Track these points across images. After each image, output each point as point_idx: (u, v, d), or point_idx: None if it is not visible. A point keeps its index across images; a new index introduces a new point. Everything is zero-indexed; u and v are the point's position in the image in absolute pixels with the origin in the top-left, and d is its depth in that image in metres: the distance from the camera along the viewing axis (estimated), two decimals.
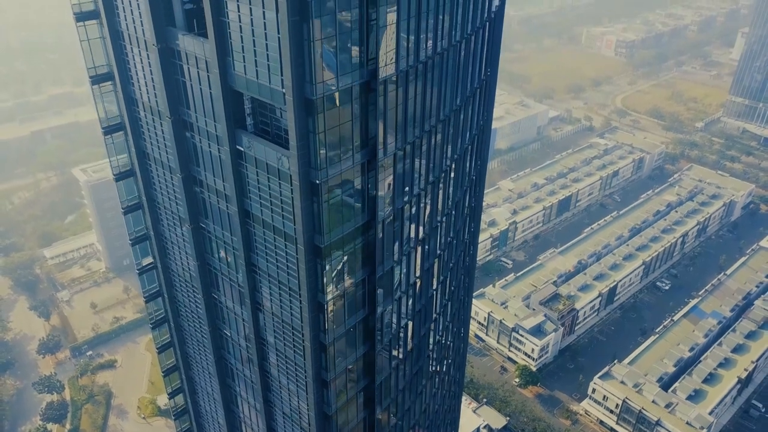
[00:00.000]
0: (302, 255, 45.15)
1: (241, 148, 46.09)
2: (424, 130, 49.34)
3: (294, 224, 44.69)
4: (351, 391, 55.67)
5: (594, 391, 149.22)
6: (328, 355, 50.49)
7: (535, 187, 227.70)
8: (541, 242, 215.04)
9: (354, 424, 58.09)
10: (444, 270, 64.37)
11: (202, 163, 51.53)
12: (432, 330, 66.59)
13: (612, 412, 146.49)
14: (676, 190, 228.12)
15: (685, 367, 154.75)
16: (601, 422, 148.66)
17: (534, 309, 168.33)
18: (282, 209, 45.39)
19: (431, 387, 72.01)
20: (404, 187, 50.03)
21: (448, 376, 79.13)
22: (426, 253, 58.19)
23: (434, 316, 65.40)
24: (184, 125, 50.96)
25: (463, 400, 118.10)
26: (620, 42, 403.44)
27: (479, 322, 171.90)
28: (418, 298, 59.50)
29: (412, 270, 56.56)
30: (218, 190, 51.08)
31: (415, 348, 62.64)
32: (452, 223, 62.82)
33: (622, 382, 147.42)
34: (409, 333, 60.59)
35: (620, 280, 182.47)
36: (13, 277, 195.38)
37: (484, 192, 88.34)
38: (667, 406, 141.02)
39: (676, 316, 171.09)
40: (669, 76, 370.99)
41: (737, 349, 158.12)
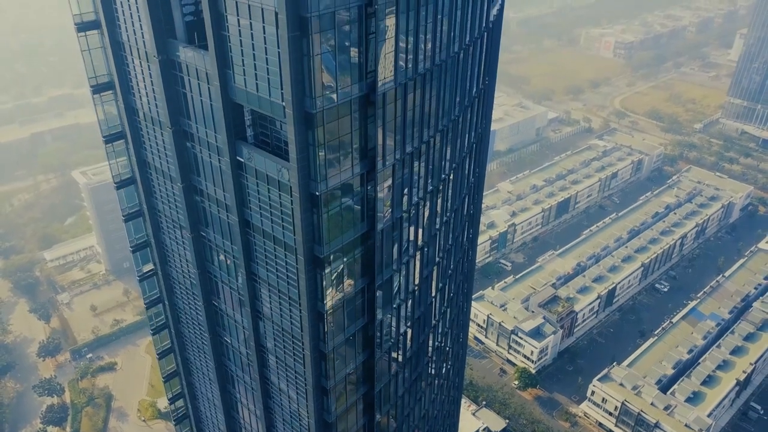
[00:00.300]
0: (302, 265, 45.58)
1: (242, 159, 46.52)
2: (423, 141, 49.79)
3: (294, 234, 45.12)
4: (351, 398, 56.10)
5: (593, 393, 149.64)
6: (328, 363, 50.93)
7: (534, 189, 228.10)
8: (540, 244, 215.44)
9: (354, 431, 58.50)
10: (443, 277, 64.83)
11: (202, 173, 51.94)
12: (431, 336, 67.05)
13: (611, 414, 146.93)
14: (674, 192, 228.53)
15: (683, 369, 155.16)
16: (600, 424, 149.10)
17: (533, 311, 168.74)
18: (282, 220, 45.82)
19: (430, 392, 72.44)
20: (403, 197, 50.46)
21: (448, 380, 79.58)
22: (425, 260, 58.63)
23: (433, 322, 65.85)
24: (185, 135, 51.37)
25: (462, 402, 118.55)
26: (619, 43, 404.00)
27: (478, 325, 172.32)
28: (417, 305, 59.94)
29: (411, 278, 56.99)
30: (218, 199, 51.49)
31: (414, 354, 63.08)
32: (451, 230, 63.27)
33: (621, 385, 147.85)
34: (408, 340, 61.02)
35: (619, 282, 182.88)
36: (13, 279, 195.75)
37: (483, 194, 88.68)
38: (666, 409, 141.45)
39: (675, 318, 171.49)
40: (667, 78, 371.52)
41: (736, 351, 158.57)
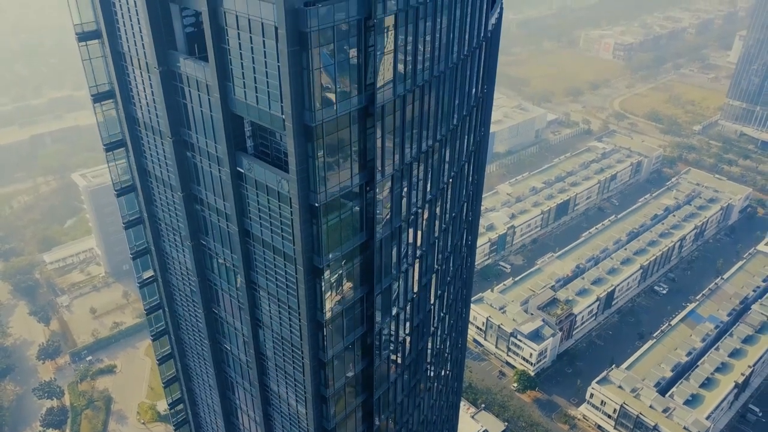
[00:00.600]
0: (301, 275, 45.91)
1: (242, 170, 46.84)
2: (422, 151, 50.12)
3: (293, 245, 45.43)
4: (350, 405, 56.43)
5: (592, 395, 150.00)
6: (327, 371, 51.27)
7: (533, 191, 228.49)
8: (539, 246, 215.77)
9: None
10: (442, 284, 65.17)
11: (202, 182, 52.25)
12: (430, 343, 67.37)
13: (610, 417, 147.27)
14: (673, 194, 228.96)
15: (682, 372, 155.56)
16: (599, 427, 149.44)
17: (532, 314, 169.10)
18: (281, 230, 46.13)
19: (429, 398, 72.78)
20: (402, 206, 50.77)
21: (446, 386, 79.92)
22: (424, 268, 58.96)
23: (432, 329, 66.18)
24: (185, 145, 51.67)
25: (461, 405, 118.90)
26: (618, 45, 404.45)
27: (478, 327, 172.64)
28: (416, 312, 60.27)
29: (410, 285, 57.33)
30: (218, 209, 51.80)
31: (413, 361, 63.42)
32: (449, 237, 63.61)
33: (620, 387, 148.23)
34: (407, 347, 61.35)
35: (618, 285, 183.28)
36: (13, 282, 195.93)
37: (482, 196, 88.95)
38: (665, 411, 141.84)
39: (674, 321, 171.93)
40: (667, 79, 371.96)
41: (734, 354, 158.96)
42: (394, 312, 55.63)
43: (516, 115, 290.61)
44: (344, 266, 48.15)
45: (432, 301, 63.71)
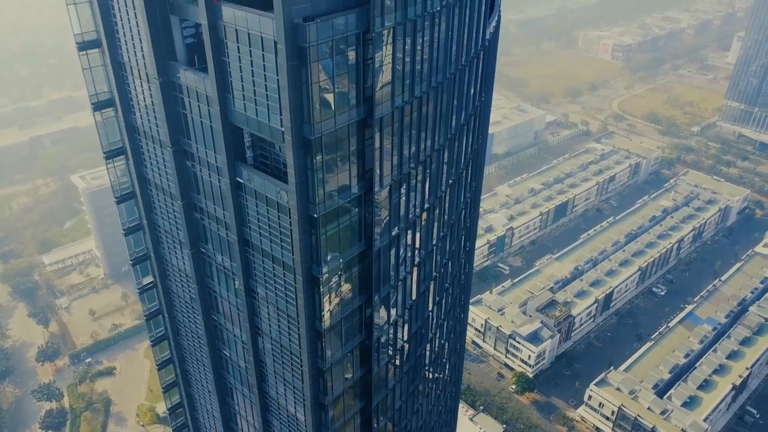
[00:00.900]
0: (300, 284, 46.27)
1: (241, 180, 47.19)
2: (420, 161, 50.47)
3: (292, 254, 45.79)
4: (349, 412, 56.82)
5: (590, 397, 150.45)
6: (326, 379, 51.66)
7: (531, 192, 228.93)
8: (537, 248, 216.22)
9: None
10: (440, 290, 65.54)
11: (202, 192, 52.59)
12: (428, 349, 67.76)
13: (608, 419, 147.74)
14: (672, 196, 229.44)
15: (680, 374, 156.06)
16: (598, 429, 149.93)
17: (531, 316, 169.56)
18: (281, 240, 46.49)
19: (428, 403, 73.19)
20: (400, 215, 51.13)
21: (445, 390, 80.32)
22: (422, 275, 59.33)
23: (430, 336, 66.57)
24: (185, 154, 51.99)
25: (459, 407, 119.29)
26: (617, 46, 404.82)
27: (476, 329, 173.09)
28: (414, 319, 60.65)
29: (408, 293, 57.69)
30: (218, 218, 52.13)
31: (412, 368, 63.80)
32: (448, 244, 63.97)
33: (618, 389, 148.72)
34: (406, 354, 61.74)
35: (616, 286, 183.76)
36: (12, 283, 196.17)
37: (481, 197, 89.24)
38: (663, 413, 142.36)
39: (672, 323, 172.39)
40: (665, 80, 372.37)
41: (732, 356, 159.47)
42: (392, 319, 56.02)
43: (515, 116, 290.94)
44: (343, 275, 48.52)
45: (430, 307, 64.11)
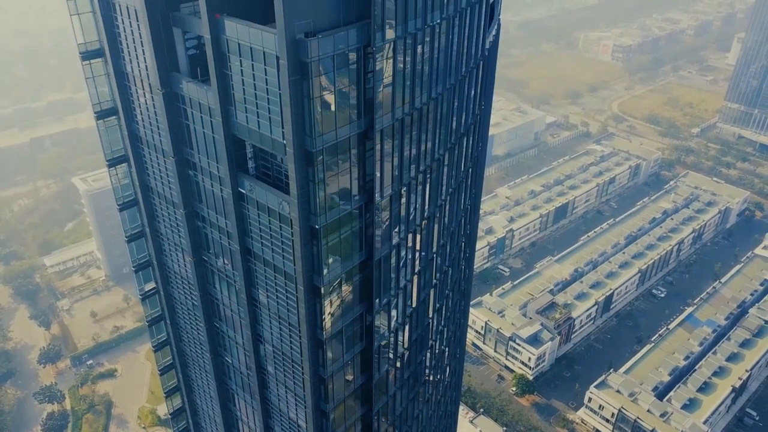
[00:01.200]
0: (302, 294, 46.71)
1: (243, 191, 47.63)
2: (420, 171, 50.90)
3: (294, 264, 46.22)
4: (349, 419, 57.26)
5: (590, 400, 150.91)
6: (327, 387, 52.13)
7: (532, 194, 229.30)
8: (538, 249, 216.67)
9: None
10: (440, 297, 65.99)
11: (204, 200, 53.02)
12: (428, 355, 68.21)
13: (608, 421, 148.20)
14: (671, 197, 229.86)
15: (680, 376, 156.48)
16: (598, 431, 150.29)
17: (531, 318, 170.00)
18: (282, 249, 46.92)
19: (428, 409, 73.65)
20: (400, 225, 51.56)
21: (445, 396, 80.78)
22: (422, 283, 59.76)
23: (430, 342, 67.01)
24: (187, 164, 52.40)
25: (460, 409, 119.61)
26: (617, 47, 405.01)
27: (476, 331, 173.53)
28: (414, 327, 61.09)
29: (408, 301, 58.14)
30: (220, 227, 52.55)
31: (412, 375, 64.26)
32: (447, 252, 64.41)
33: (618, 391, 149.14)
34: (406, 361, 62.17)
35: (616, 288, 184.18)
36: (14, 285, 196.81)
37: (481, 200, 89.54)
38: (662, 416, 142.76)
39: (672, 325, 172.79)
40: (665, 81, 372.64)
41: (732, 358, 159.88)
42: (393, 327, 56.46)
43: (515, 117, 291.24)
44: (344, 284, 48.97)
45: (430, 314, 64.55)
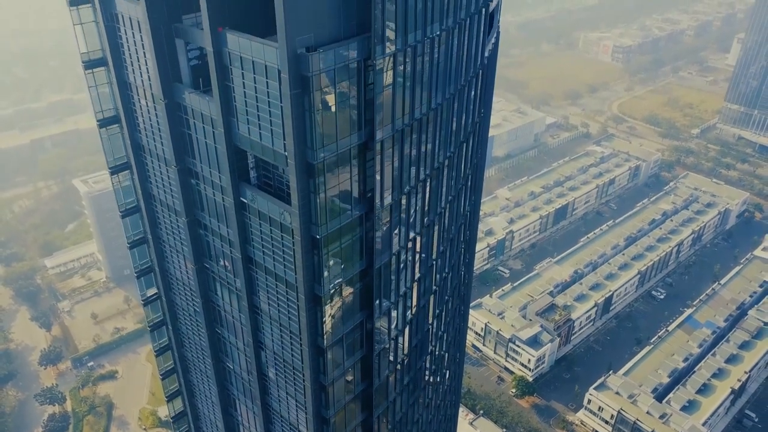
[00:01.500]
0: (303, 303, 47.21)
1: (245, 200, 48.11)
2: (420, 180, 51.39)
3: (295, 273, 46.71)
4: (350, 425, 57.75)
5: (589, 401, 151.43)
6: (328, 394, 52.64)
7: (531, 195, 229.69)
8: (537, 251, 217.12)
9: None
10: (440, 303, 66.49)
11: (206, 209, 53.48)
12: (428, 361, 68.71)
13: (607, 423, 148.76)
14: (671, 199, 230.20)
15: (679, 378, 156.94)
16: None
17: (530, 319, 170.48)
18: (284, 258, 47.41)
19: (428, 414, 74.18)
20: (400, 233, 52.03)
21: (445, 400, 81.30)
22: (422, 290, 60.24)
23: (430, 348, 67.52)
24: (190, 173, 52.87)
25: (460, 411, 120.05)
26: (617, 47, 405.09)
27: (476, 333, 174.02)
28: (414, 333, 61.59)
29: (408, 308, 58.62)
30: (222, 235, 53.02)
31: (412, 381, 64.76)
32: (447, 258, 64.90)
33: (617, 393, 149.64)
34: (406, 367, 62.68)
35: (616, 290, 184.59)
36: (15, 287, 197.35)
37: (481, 201, 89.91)
38: (662, 417, 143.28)
39: (671, 327, 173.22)
40: (665, 82, 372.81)
41: (731, 360, 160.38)
42: (393, 334, 56.96)
43: (515, 118, 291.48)
44: (344, 292, 49.47)
45: (430, 320, 65.05)
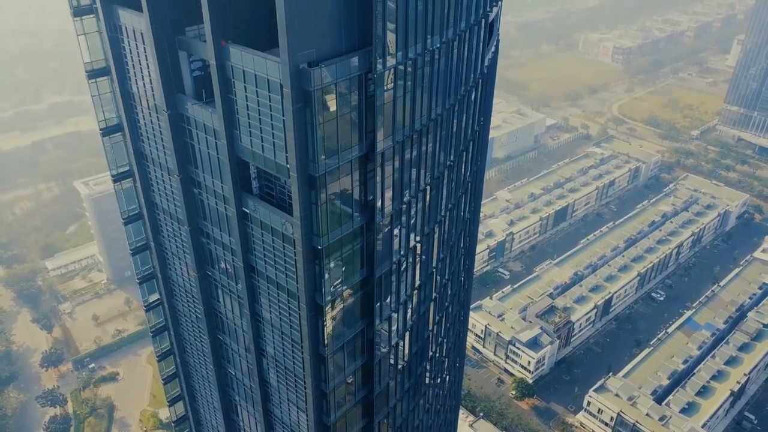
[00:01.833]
0: (304, 312, 47.70)
1: (247, 210, 48.60)
2: (420, 189, 51.88)
3: (297, 283, 47.18)
4: (351, 431, 58.26)
5: (589, 403, 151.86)
6: (329, 401, 53.13)
7: (531, 197, 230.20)
8: (537, 252, 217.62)
9: None
10: (440, 310, 66.99)
11: (209, 218, 53.96)
12: (428, 367, 69.22)
13: (607, 425, 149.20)
14: (671, 200, 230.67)
15: (678, 380, 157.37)
16: None
17: (530, 321, 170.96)
18: (285, 268, 47.88)
19: (428, 419, 74.67)
20: (401, 243, 52.51)
21: (444, 405, 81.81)
22: (422, 297, 60.73)
23: (430, 354, 68.02)
24: (192, 182, 53.36)
25: (459, 413, 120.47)
26: (617, 48, 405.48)
27: (476, 335, 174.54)
28: (414, 341, 62.08)
29: (408, 316, 59.11)
30: (224, 243, 53.50)
31: (412, 386, 65.26)
32: (447, 265, 65.39)
33: (617, 395, 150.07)
34: (406, 373, 63.17)
35: (616, 292, 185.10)
36: (16, 289, 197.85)
37: (481, 203, 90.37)
38: (661, 419, 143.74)
39: (671, 328, 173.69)
40: (665, 83, 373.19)
41: (730, 362, 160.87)
42: (393, 341, 57.46)
43: (515, 120, 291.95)
44: (345, 301, 49.95)
45: (430, 327, 65.55)
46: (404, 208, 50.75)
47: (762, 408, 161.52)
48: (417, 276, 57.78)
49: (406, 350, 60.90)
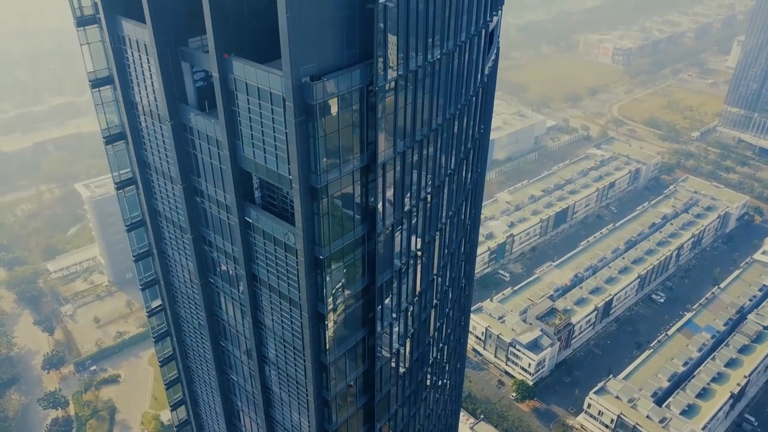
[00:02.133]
0: (306, 320, 48.14)
1: (250, 220, 49.03)
2: (420, 198, 52.30)
3: (298, 291, 47.64)
4: None
5: (589, 405, 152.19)
6: (331, 408, 53.61)
7: (532, 199, 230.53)
8: (538, 254, 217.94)
9: None
10: (441, 316, 67.42)
11: (211, 227, 54.39)
12: (429, 373, 69.65)
13: (607, 427, 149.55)
14: (671, 202, 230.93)
15: (679, 382, 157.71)
16: None
17: (531, 323, 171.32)
18: (288, 277, 48.31)
19: (429, 424, 75.10)
20: (402, 251, 52.94)
21: (445, 410, 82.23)
22: (423, 304, 61.16)
23: (431, 360, 68.46)
24: (195, 191, 53.80)
25: (460, 415, 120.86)
26: (617, 49, 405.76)
27: (477, 337, 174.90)
28: (415, 347, 62.52)
29: (409, 323, 59.53)
30: (227, 252, 53.95)
31: (413, 393, 65.69)
32: (448, 273, 65.80)
33: (617, 397, 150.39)
34: (407, 380, 63.61)
35: (616, 294, 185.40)
36: (17, 291, 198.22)
37: (482, 205, 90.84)
38: (661, 422, 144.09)
39: (671, 330, 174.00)
40: (665, 84, 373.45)
41: (730, 364, 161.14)
42: (394, 349, 57.89)
43: (515, 121, 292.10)
44: (347, 310, 50.39)
45: (431, 333, 65.96)
46: (405, 217, 51.16)
47: (762, 410, 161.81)
48: (418, 283, 58.20)
49: (407, 357, 61.34)
